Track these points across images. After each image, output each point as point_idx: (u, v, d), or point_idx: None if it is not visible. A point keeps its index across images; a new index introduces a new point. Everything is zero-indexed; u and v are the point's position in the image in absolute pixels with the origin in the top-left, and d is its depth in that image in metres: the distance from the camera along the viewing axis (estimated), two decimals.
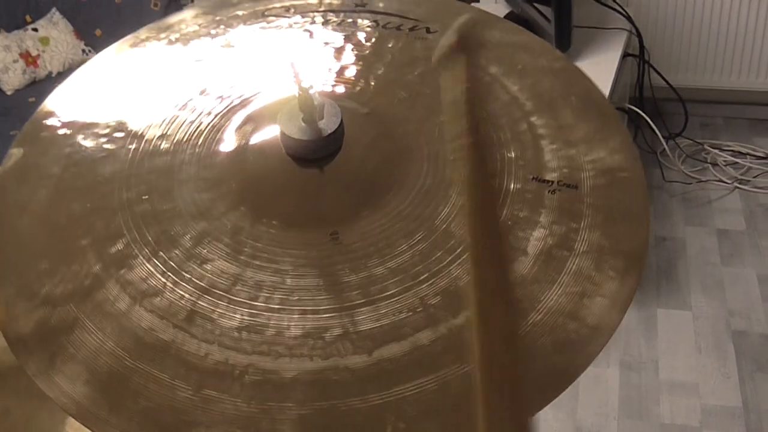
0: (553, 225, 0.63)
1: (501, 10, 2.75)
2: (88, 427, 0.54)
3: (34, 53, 3.01)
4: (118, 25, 3.11)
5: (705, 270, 2.38)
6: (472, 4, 0.86)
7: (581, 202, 0.65)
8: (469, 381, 0.55)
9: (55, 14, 3.11)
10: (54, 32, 3.07)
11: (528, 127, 0.70)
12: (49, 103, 0.75)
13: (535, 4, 2.42)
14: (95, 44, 3.14)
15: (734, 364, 2.07)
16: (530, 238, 0.62)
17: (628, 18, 2.60)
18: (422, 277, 0.60)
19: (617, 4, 2.61)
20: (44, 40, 3.04)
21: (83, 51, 3.11)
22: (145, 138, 0.70)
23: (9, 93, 2.97)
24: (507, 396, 0.53)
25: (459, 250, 0.61)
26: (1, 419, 0.85)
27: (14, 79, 2.97)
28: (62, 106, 0.75)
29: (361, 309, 0.58)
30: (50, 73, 3.04)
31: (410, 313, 0.58)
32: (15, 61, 2.97)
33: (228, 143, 0.69)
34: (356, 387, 0.54)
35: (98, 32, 3.16)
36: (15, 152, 0.70)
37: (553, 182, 0.66)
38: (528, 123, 0.71)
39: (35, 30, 3.05)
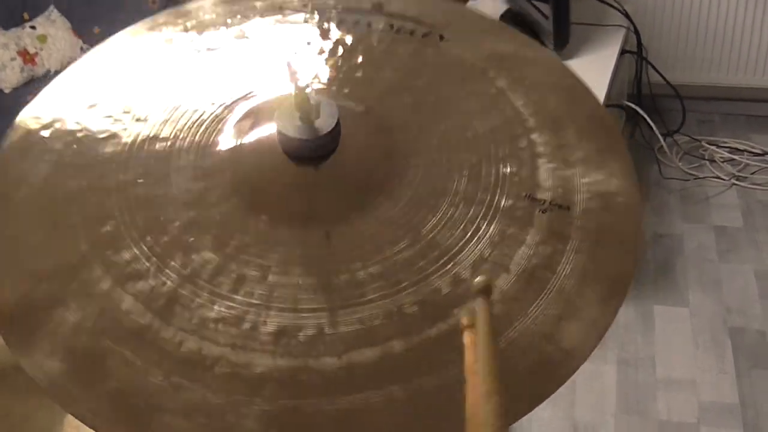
0: (540, 245, 0.62)
1: (499, 6, 2.74)
2: (59, 404, 0.54)
3: (32, 51, 3.01)
4: (116, 23, 3.08)
5: (702, 266, 2.39)
6: (471, 1, 0.86)
7: (571, 224, 0.64)
8: (441, 393, 0.54)
9: (53, 12, 3.11)
10: (52, 30, 3.06)
11: (528, 144, 0.70)
12: (61, 80, 0.75)
13: (533, 1, 2.42)
14: (93, 42, 3.13)
15: (731, 361, 2.07)
16: (514, 256, 0.62)
17: (626, 15, 2.60)
18: (402, 285, 0.60)
19: (615, 0, 2.61)
20: (42, 38, 3.04)
21: (81, 49, 3.11)
22: (148, 122, 0.70)
23: (7, 91, 2.96)
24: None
25: (442, 261, 0.61)
26: (0, 418, 0.86)
27: (12, 77, 2.96)
28: (73, 83, 0.75)
29: (339, 311, 0.58)
30: (48, 71, 3.03)
31: (386, 320, 0.58)
32: (12, 59, 2.96)
33: (227, 135, 0.69)
34: (324, 388, 0.54)
35: (96, 30, 3.15)
36: (21, 125, 0.71)
37: (545, 201, 0.65)
38: (528, 140, 0.70)
39: (33, 28, 3.04)
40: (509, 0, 2.66)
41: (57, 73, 2.89)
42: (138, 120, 0.70)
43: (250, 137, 0.68)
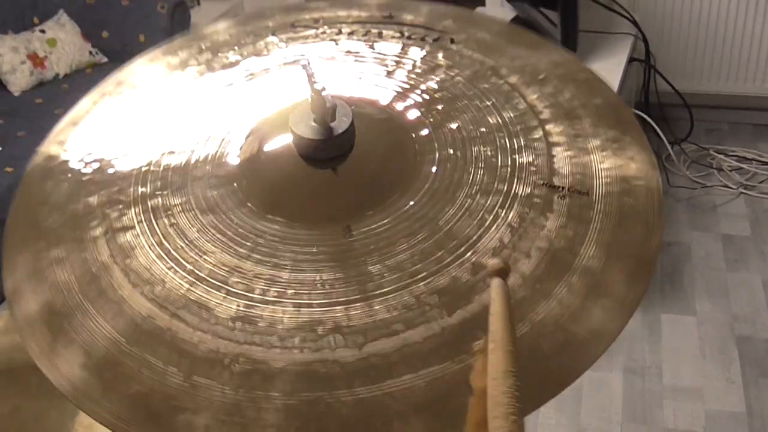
0: (561, 229, 0.63)
1: (507, 14, 2.75)
2: (81, 409, 0.55)
3: (41, 55, 3.02)
4: (124, 27, 3.12)
5: (710, 275, 2.38)
6: (479, 9, 0.87)
7: (591, 208, 0.65)
8: (458, 379, 0.55)
9: (62, 16, 3.12)
10: (61, 34, 3.08)
11: (543, 135, 0.70)
12: (79, 109, 0.77)
13: (542, 9, 2.42)
14: (102, 46, 3.15)
15: (738, 370, 2.07)
16: (536, 240, 0.62)
17: (634, 23, 2.60)
18: (420, 276, 0.60)
19: (623, 9, 2.61)
20: (51, 42, 3.05)
21: (90, 53, 3.12)
22: (164, 136, 0.73)
23: (16, 94, 2.98)
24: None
25: (460, 250, 0.62)
26: (12, 416, 0.86)
27: (21, 80, 2.97)
28: (89, 114, 0.77)
29: (356, 305, 0.59)
30: (57, 74, 3.04)
31: (404, 311, 0.58)
32: (22, 63, 2.98)
33: (244, 145, 0.70)
34: (344, 380, 0.55)
35: (105, 34, 3.16)
36: (43, 150, 0.73)
37: (563, 188, 0.66)
38: (543, 131, 0.71)
39: (42, 32, 3.06)
40: (517, 7, 2.67)
41: (66, 76, 2.90)
42: (155, 136, 0.73)
43: (266, 146, 0.69)
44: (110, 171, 0.70)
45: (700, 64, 2.92)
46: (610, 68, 2.39)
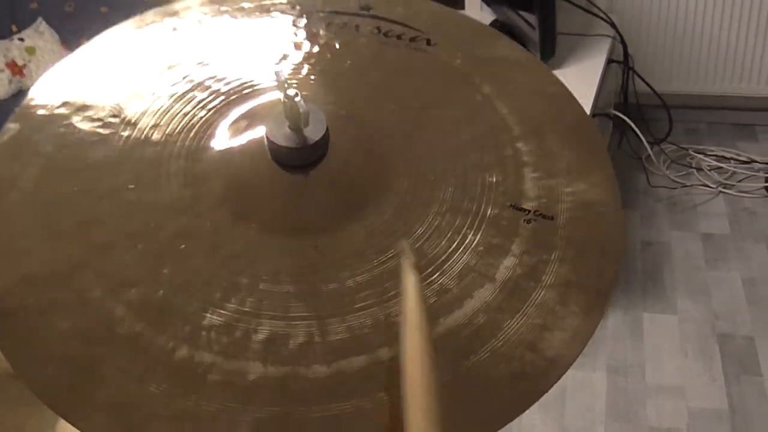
0: (524, 255, 0.63)
1: (486, 17, 2.76)
2: (54, 412, 0.54)
3: (20, 63, 3.01)
4: None
5: (690, 274, 2.40)
6: (460, 11, 0.87)
7: (555, 234, 0.65)
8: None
9: (41, 24, 3.11)
10: (40, 42, 3.06)
11: (513, 153, 0.70)
12: (48, 79, 0.75)
13: (520, 12, 2.43)
14: None
15: (720, 367, 2.08)
16: (499, 266, 0.62)
17: (612, 25, 2.62)
18: (389, 294, 0.60)
19: (601, 11, 2.63)
20: (30, 50, 3.04)
21: None
22: (138, 126, 0.70)
23: None
24: None
25: (429, 270, 0.62)
26: None
27: (0, 89, 2.96)
28: (61, 83, 0.74)
29: (328, 320, 0.59)
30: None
31: (374, 329, 0.58)
32: (1, 71, 2.96)
33: (217, 140, 0.69)
34: (315, 396, 0.55)
35: (84, 42, 3.15)
36: (11, 127, 0.70)
37: (530, 211, 0.66)
38: (513, 148, 0.70)
39: (21, 40, 3.04)
40: (496, 11, 2.68)
41: None
42: (128, 124, 0.70)
43: (240, 143, 0.68)
44: (81, 157, 0.68)
45: (678, 65, 2.94)
46: (589, 70, 2.41)
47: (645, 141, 2.72)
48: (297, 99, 0.63)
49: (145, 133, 0.70)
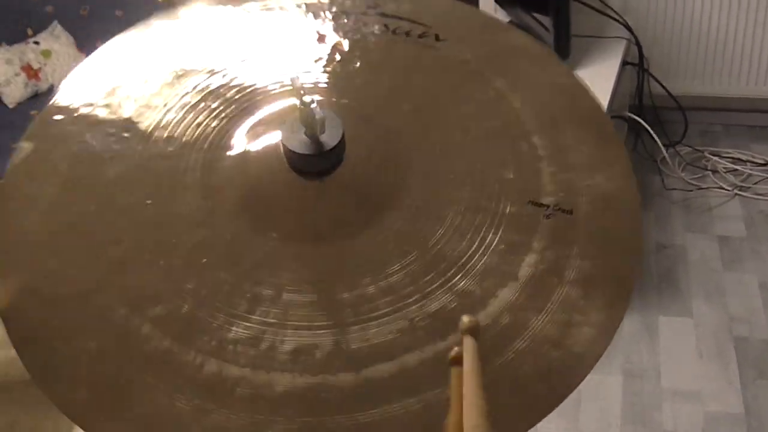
0: (546, 251, 0.63)
1: (500, 19, 2.75)
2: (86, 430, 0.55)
3: (35, 66, 3.02)
4: None
5: (706, 276, 2.39)
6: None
7: (575, 228, 0.64)
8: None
9: (56, 27, 3.13)
10: (56, 45, 3.08)
11: (528, 148, 0.70)
12: (60, 94, 0.74)
13: (534, 14, 2.43)
14: None
15: (736, 371, 2.07)
16: (522, 264, 0.62)
17: (627, 27, 2.61)
18: (412, 299, 0.60)
19: (616, 13, 2.62)
20: (46, 53, 3.06)
21: None
22: (152, 139, 0.69)
23: (11, 106, 2.98)
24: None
25: (450, 272, 0.61)
26: (7, 429, 0.86)
27: (16, 92, 2.98)
28: (72, 98, 0.73)
29: (353, 327, 0.59)
30: (52, 86, 3.05)
31: (399, 335, 0.58)
32: (17, 75, 2.98)
33: (232, 150, 0.69)
34: (344, 404, 0.55)
35: (99, 45, 3.17)
36: (25, 146, 0.70)
37: (549, 206, 0.65)
38: (528, 143, 0.70)
39: (37, 43, 3.06)
40: (510, 13, 2.67)
41: None
42: (141, 138, 0.70)
43: (256, 152, 0.68)
44: (95, 175, 0.68)
45: (693, 66, 2.92)
46: (604, 72, 2.40)
47: (660, 143, 2.71)
48: (313, 106, 0.63)
49: (159, 146, 0.69)
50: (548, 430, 1.95)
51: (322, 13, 0.81)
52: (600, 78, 2.35)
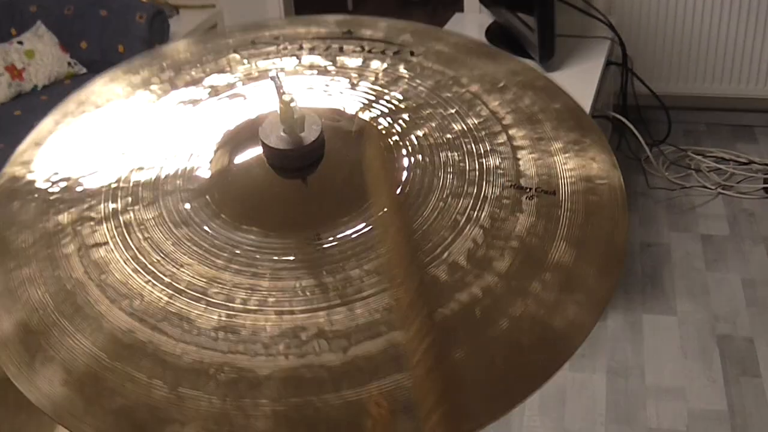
0: (531, 227, 0.65)
1: (485, 19, 2.77)
2: (65, 427, 0.55)
3: (19, 66, 3.01)
4: (103, 38, 3.11)
5: (690, 275, 2.40)
6: (457, 14, 0.88)
7: (559, 206, 0.66)
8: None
9: (40, 27, 3.11)
10: (39, 45, 3.07)
11: (507, 139, 0.72)
12: (41, 129, 0.76)
13: (519, 14, 2.44)
14: (81, 57, 3.14)
15: (720, 368, 2.09)
16: (508, 238, 0.64)
17: (611, 27, 2.62)
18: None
19: (600, 12, 2.63)
20: (30, 53, 3.04)
21: (69, 64, 3.11)
22: (134, 157, 0.72)
23: None
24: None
25: (437, 251, 0.63)
26: None
27: None
28: (53, 134, 0.76)
29: (338, 309, 0.60)
30: (36, 86, 3.03)
31: (385, 313, 0.59)
32: (0, 75, 2.96)
33: (213, 159, 0.71)
34: (331, 384, 0.56)
35: (84, 45, 3.16)
36: (8, 171, 0.72)
37: (530, 189, 0.67)
38: (507, 135, 0.72)
39: (20, 43, 3.05)
40: (495, 13, 2.69)
41: (45, 88, 2.88)
42: (130, 165, 0.72)
43: (236, 159, 0.70)
44: (78, 189, 0.70)
45: (677, 66, 2.95)
46: (588, 72, 2.41)
47: (644, 142, 2.73)
48: (293, 104, 0.64)
49: (140, 161, 0.72)
50: (533, 429, 1.95)
51: (298, 41, 0.84)
52: (584, 78, 2.37)
